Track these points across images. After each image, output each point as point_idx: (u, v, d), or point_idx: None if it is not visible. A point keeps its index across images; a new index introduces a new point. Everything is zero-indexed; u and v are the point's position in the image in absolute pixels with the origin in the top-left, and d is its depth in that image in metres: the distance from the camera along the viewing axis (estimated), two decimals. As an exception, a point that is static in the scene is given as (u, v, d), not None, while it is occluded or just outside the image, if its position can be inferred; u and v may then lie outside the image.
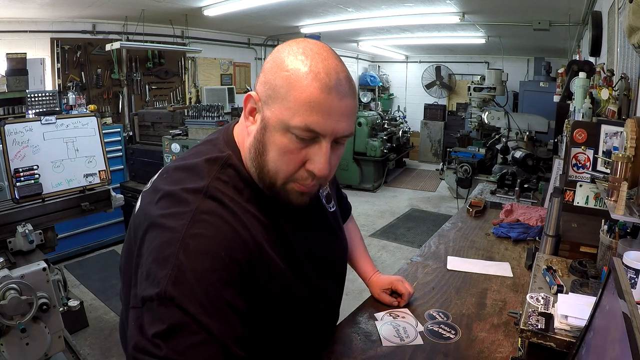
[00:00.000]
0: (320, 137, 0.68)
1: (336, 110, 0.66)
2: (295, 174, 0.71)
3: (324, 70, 0.67)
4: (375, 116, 7.23)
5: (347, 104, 0.68)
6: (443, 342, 1.08)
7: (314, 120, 0.65)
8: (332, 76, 0.67)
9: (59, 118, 2.25)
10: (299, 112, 0.65)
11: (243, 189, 0.74)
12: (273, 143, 0.69)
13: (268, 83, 0.69)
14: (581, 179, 1.72)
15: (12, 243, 1.89)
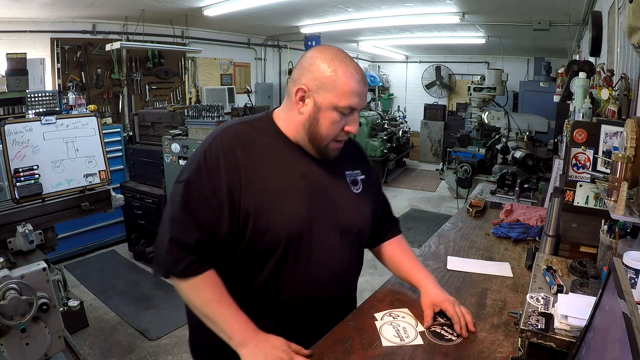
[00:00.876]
0: (355, 110, 1.03)
1: (364, 94, 1.03)
2: (339, 136, 1.06)
3: (353, 69, 1.00)
4: (375, 116, 7.23)
5: (365, 89, 1.04)
6: (445, 343, 1.08)
7: (355, 101, 1.01)
8: (359, 73, 1.02)
9: (59, 118, 2.25)
10: (345, 97, 0.99)
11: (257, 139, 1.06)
12: (325, 118, 1.01)
13: (317, 79, 1.00)
14: (581, 179, 1.72)
15: (12, 243, 1.89)
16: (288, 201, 1.02)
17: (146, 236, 3.99)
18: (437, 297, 1.17)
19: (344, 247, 1.12)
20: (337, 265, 1.11)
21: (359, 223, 1.16)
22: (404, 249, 1.32)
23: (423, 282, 1.23)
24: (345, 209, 1.12)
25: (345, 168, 1.16)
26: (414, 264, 1.28)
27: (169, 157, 3.38)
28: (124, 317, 3.05)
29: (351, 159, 1.20)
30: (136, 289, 3.48)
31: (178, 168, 3.32)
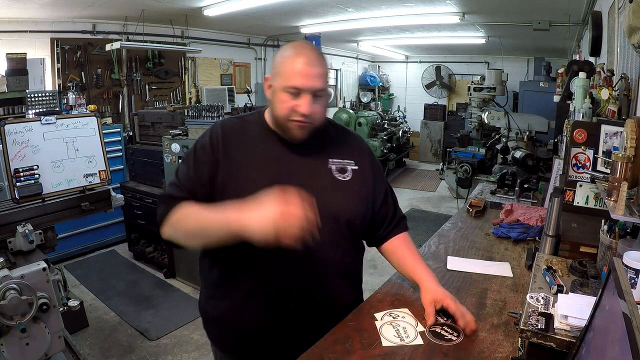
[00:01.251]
0: (302, 91, 1.06)
1: (311, 75, 1.06)
2: (291, 116, 1.09)
3: (302, 54, 1.08)
4: (375, 116, 7.23)
5: (317, 70, 1.07)
6: (445, 343, 1.08)
7: (298, 81, 1.06)
8: (309, 57, 1.07)
9: (59, 118, 2.25)
10: (289, 78, 1.06)
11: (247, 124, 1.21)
12: (278, 99, 1.10)
13: (273, 68, 1.13)
14: (581, 179, 1.72)
15: (12, 243, 1.88)
16: (255, 179, 1.11)
17: (146, 236, 3.99)
18: (438, 293, 1.17)
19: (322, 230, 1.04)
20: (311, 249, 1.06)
21: (346, 211, 1.18)
22: (409, 245, 1.33)
23: (424, 279, 1.23)
24: (323, 194, 1.11)
25: (331, 156, 1.21)
26: (417, 261, 1.29)
27: (169, 157, 3.38)
28: (124, 317, 3.05)
29: (343, 149, 1.24)
30: (136, 289, 3.48)
31: (178, 168, 3.32)
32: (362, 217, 1.24)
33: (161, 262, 3.75)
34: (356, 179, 1.21)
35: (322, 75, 1.09)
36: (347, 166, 1.21)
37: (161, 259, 3.78)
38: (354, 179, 1.21)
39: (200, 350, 2.68)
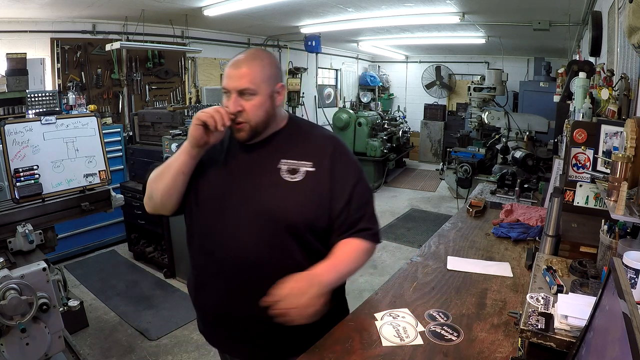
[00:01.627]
0: (229, 91, 1.13)
1: (234, 75, 1.12)
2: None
3: (234, 58, 1.15)
4: (375, 116, 7.23)
5: (242, 71, 1.11)
6: (445, 343, 1.08)
7: (225, 83, 1.14)
8: (236, 59, 1.14)
9: (59, 118, 2.25)
10: (223, 80, 1.16)
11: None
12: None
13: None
14: (581, 179, 1.72)
15: (12, 243, 1.88)
16: (211, 175, 1.22)
17: (146, 236, 3.99)
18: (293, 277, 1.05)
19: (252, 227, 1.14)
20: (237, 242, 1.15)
21: (287, 212, 1.14)
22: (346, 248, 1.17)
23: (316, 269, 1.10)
24: (267, 193, 1.16)
25: (285, 156, 1.19)
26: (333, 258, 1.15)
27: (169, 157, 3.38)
28: (124, 317, 3.05)
29: (301, 150, 1.20)
30: (136, 289, 3.48)
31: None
32: (309, 220, 1.15)
33: (161, 262, 3.75)
34: (308, 181, 1.16)
35: (247, 75, 1.11)
36: (301, 167, 1.17)
37: (161, 259, 3.78)
38: (306, 181, 1.16)
39: (200, 350, 2.68)
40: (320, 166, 1.18)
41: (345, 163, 1.21)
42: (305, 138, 1.24)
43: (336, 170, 1.18)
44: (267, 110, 1.15)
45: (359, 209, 1.19)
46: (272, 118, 1.18)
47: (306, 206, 1.15)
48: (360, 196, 1.20)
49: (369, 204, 1.23)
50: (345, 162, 1.21)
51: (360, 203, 1.20)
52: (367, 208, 1.22)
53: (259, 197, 1.16)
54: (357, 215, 1.19)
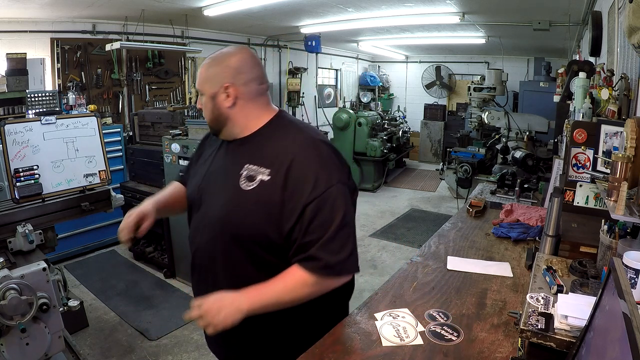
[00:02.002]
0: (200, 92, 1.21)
1: (199, 76, 1.21)
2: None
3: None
4: (375, 116, 7.23)
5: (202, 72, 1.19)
6: (445, 343, 1.08)
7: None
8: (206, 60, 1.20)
9: (59, 118, 2.25)
10: None
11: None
12: None
13: None
14: (581, 179, 1.72)
15: (12, 243, 1.88)
16: (196, 173, 1.29)
17: (146, 236, 3.97)
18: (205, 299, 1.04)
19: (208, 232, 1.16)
20: (199, 241, 1.20)
21: (232, 222, 1.09)
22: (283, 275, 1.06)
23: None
24: (223, 198, 1.14)
25: (250, 161, 1.12)
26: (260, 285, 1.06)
27: (169, 157, 3.38)
28: (124, 317, 3.05)
29: (266, 155, 1.10)
30: (136, 289, 3.48)
31: (178, 168, 3.32)
32: (254, 233, 1.07)
33: (161, 262, 3.75)
34: (260, 191, 1.06)
35: (200, 75, 1.19)
36: (258, 175, 1.08)
37: (161, 259, 3.78)
38: (258, 190, 1.07)
39: (200, 350, 2.68)
40: (276, 176, 1.06)
41: (302, 176, 1.05)
42: (275, 142, 1.12)
43: (289, 185, 1.05)
44: (211, 110, 1.16)
45: (311, 232, 1.03)
46: (223, 118, 1.16)
47: (252, 218, 1.07)
48: (315, 218, 1.03)
49: (327, 229, 1.02)
50: (303, 175, 1.05)
51: (314, 226, 1.03)
52: (323, 233, 1.02)
53: (215, 202, 1.15)
54: (308, 239, 1.03)
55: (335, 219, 1.03)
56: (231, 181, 1.12)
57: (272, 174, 1.07)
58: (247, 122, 1.16)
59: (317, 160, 1.08)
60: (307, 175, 1.05)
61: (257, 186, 1.07)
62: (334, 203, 1.04)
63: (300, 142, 1.11)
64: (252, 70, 1.16)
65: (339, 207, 1.04)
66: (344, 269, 1.06)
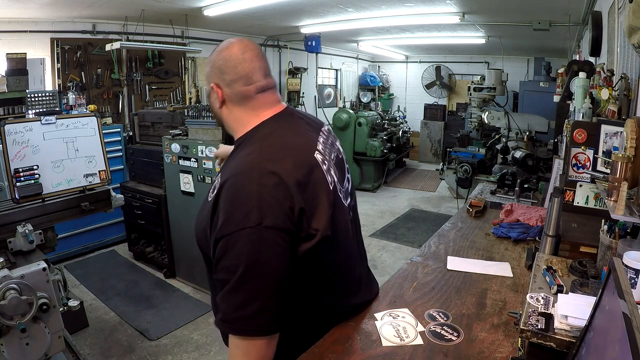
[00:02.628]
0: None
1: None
2: None
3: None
4: (375, 116, 7.23)
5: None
6: (445, 343, 1.08)
7: None
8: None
9: (59, 118, 2.25)
10: None
11: None
12: None
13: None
14: (581, 179, 1.72)
15: (12, 243, 1.88)
16: None
17: (146, 236, 3.99)
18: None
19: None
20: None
21: (195, 228, 1.03)
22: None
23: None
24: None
25: (221, 170, 1.05)
26: None
27: (169, 157, 3.38)
28: (124, 317, 3.05)
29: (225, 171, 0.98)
30: (136, 289, 3.48)
31: (178, 168, 3.33)
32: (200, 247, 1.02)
33: (161, 262, 3.75)
34: (206, 205, 0.98)
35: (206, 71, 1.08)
36: (213, 187, 0.97)
37: (161, 259, 3.78)
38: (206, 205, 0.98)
39: (200, 350, 2.68)
40: (214, 194, 0.93)
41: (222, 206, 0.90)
42: (236, 155, 1.01)
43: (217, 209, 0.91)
44: (214, 109, 1.09)
45: (219, 271, 0.90)
46: (218, 118, 1.10)
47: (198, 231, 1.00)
48: (222, 258, 0.88)
49: (233, 273, 0.86)
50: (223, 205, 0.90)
51: (220, 266, 0.89)
52: (228, 275, 0.87)
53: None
54: (216, 277, 0.91)
55: (239, 267, 0.86)
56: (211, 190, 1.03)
57: (215, 190, 0.94)
58: (236, 127, 1.06)
59: (244, 192, 0.88)
60: (227, 205, 0.89)
61: (210, 199, 0.95)
62: (243, 248, 0.86)
63: (244, 164, 0.93)
64: (236, 68, 1.00)
65: (249, 254, 0.86)
66: (244, 328, 0.88)
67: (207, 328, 2.93)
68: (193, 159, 3.20)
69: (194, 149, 3.17)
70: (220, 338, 2.87)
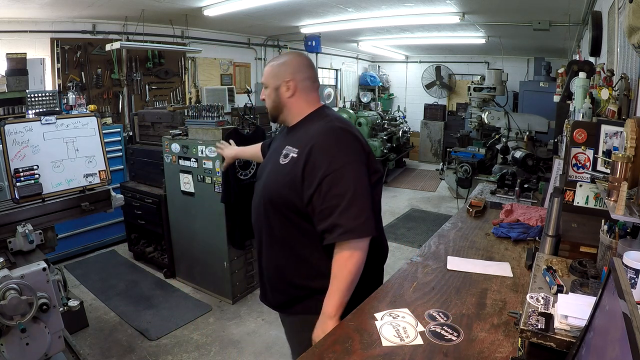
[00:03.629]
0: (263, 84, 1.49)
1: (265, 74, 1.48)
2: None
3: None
4: (375, 116, 7.23)
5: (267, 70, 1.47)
6: (445, 343, 1.08)
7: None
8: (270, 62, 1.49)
9: (59, 118, 2.25)
10: None
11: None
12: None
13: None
14: (581, 179, 1.72)
15: (12, 243, 1.88)
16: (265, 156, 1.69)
17: (146, 236, 3.99)
18: (314, 332, 1.30)
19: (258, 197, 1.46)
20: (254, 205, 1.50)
21: (268, 189, 1.40)
22: (333, 267, 1.29)
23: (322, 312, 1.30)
24: (268, 171, 1.45)
25: (288, 142, 1.41)
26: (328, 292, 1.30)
27: (169, 157, 3.38)
28: (124, 317, 3.05)
29: (298, 137, 1.39)
30: (136, 289, 3.48)
31: (178, 168, 3.32)
32: (283, 198, 1.34)
33: (161, 262, 3.75)
34: (290, 165, 1.35)
35: (267, 72, 1.46)
36: (291, 153, 1.36)
37: (161, 259, 3.78)
38: (287, 165, 1.36)
39: (200, 350, 2.68)
40: (300, 153, 1.33)
41: (321, 155, 1.29)
42: (309, 127, 1.40)
43: (310, 161, 1.29)
44: (273, 99, 1.44)
45: (328, 200, 1.25)
46: (281, 106, 1.44)
47: (278, 184, 1.36)
48: (331, 189, 1.25)
49: (344, 197, 1.24)
50: (321, 154, 1.29)
51: (330, 195, 1.25)
52: (340, 200, 1.24)
53: (264, 175, 1.46)
54: (326, 206, 1.26)
55: (348, 191, 1.25)
56: (275, 158, 1.42)
57: (298, 152, 1.33)
58: (298, 111, 1.43)
59: (334, 143, 1.31)
60: (325, 154, 1.29)
61: (289, 161, 1.35)
62: (349, 177, 1.26)
63: (323, 128, 1.36)
64: (307, 70, 1.45)
65: (354, 180, 1.27)
66: (363, 231, 1.25)
67: (207, 328, 2.93)
68: (193, 159, 3.20)
69: (194, 149, 3.17)
70: (220, 338, 2.88)
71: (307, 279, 1.38)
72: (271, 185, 1.39)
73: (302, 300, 1.40)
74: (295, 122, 1.45)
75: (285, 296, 1.45)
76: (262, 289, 1.57)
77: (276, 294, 1.48)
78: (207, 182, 3.15)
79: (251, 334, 2.88)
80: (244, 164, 3.09)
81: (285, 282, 1.42)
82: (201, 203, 3.23)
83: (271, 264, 1.45)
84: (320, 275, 1.33)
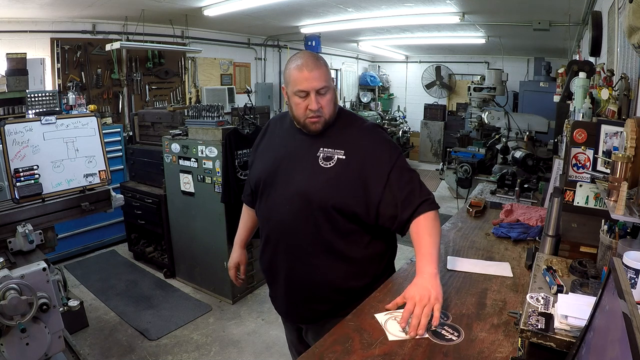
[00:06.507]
0: (308, 92, 1.31)
1: (312, 78, 1.29)
2: (306, 114, 1.34)
3: (300, 60, 1.32)
4: (375, 116, 7.23)
5: (316, 73, 1.30)
6: (445, 343, 1.08)
7: (304, 85, 1.30)
8: (307, 64, 1.30)
9: (59, 118, 2.25)
10: (296, 84, 1.32)
11: (285, 119, 1.53)
12: (293, 102, 1.36)
13: (285, 78, 1.38)
14: (581, 179, 1.72)
15: (12, 243, 1.88)
16: (264, 159, 1.49)
17: (146, 236, 3.99)
18: (408, 291, 1.22)
19: (291, 204, 1.36)
20: (280, 214, 1.39)
21: (318, 193, 1.32)
22: (420, 231, 1.31)
23: (418, 272, 1.26)
24: (303, 175, 1.37)
25: (324, 145, 1.37)
26: (420, 250, 1.29)
27: (169, 157, 3.38)
28: (124, 317, 3.05)
29: (338, 139, 1.37)
30: (136, 289, 3.48)
31: (178, 168, 3.33)
32: (336, 201, 1.31)
33: (161, 262, 3.75)
34: (338, 167, 1.33)
35: (321, 75, 1.31)
36: (335, 155, 1.34)
37: (161, 259, 3.78)
38: (336, 167, 1.33)
39: (200, 350, 2.68)
40: (351, 154, 1.33)
41: (380, 151, 1.35)
42: (345, 128, 1.40)
43: (367, 158, 1.33)
44: (335, 103, 1.40)
45: (403, 188, 1.32)
46: (333, 106, 1.39)
47: (333, 188, 1.32)
48: (400, 179, 1.33)
49: (412, 181, 1.34)
50: (380, 151, 1.35)
51: (401, 182, 1.32)
52: (411, 184, 1.34)
53: (298, 180, 1.37)
54: (407, 191, 1.32)
55: (413, 175, 1.36)
56: (308, 162, 1.36)
57: (347, 153, 1.33)
58: (334, 110, 1.40)
59: (382, 140, 1.39)
60: (382, 150, 1.35)
61: (335, 164, 1.33)
62: (406, 164, 1.39)
63: (366, 128, 1.41)
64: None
65: (408, 166, 1.40)
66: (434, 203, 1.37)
67: (207, 328, 2.93)
68: (193, 159, 3.20)
69: (194, 149, 3.17)
70: (220, 338, 2.88)
71: (354, 279, 1.39)
72: (319, 189, 1.32)
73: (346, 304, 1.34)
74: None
75: (328, 305, 1.40)
76: (288, 307, 1.49)
77: (316, 305, 1.41)
78: (207, 182, 3.15)
79: (251, 334, 2.88)
80: (244, 164, 3.09)
81: (332, 289, 1.38)
82: (201, 203, 3.23)
83: (315, 273, 1.37)
84: (362, 274, 1.39)
